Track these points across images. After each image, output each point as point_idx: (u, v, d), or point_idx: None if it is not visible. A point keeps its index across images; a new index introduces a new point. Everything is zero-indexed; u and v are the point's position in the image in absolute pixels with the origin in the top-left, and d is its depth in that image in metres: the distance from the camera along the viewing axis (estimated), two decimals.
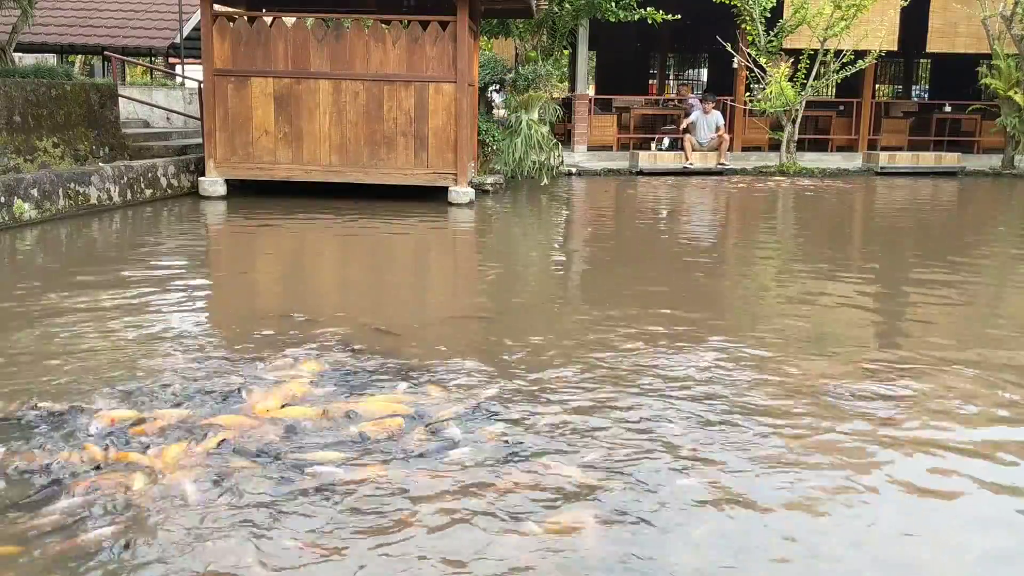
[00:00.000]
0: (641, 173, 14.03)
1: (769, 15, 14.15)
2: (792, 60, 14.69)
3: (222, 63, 9.63)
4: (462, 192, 9.69)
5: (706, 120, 14.54)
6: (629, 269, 6.58)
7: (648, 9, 13.09)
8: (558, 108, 13.18)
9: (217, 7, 9.89)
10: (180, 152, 10.93)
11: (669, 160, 14.45)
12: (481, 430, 2.98)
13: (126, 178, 9.05)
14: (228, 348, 3.96)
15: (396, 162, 9.79)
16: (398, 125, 9.73)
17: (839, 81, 15.69)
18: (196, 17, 14.14)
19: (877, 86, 19.68)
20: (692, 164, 14.21)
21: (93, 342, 4.03)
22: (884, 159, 14.96)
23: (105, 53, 15.73)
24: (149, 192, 9.45)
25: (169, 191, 9.83)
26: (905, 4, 14.72)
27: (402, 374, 3.58)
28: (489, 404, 3.23)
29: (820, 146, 16.41)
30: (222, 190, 9.78)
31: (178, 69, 17.96)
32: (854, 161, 15.43)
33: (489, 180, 10.94)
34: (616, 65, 22.09)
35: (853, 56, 14.22)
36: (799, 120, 14.76)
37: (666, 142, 15.70)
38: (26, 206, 7.54)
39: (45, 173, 7.98)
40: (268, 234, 8.00)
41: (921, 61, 24.17)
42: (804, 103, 14.54)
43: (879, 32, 14.16)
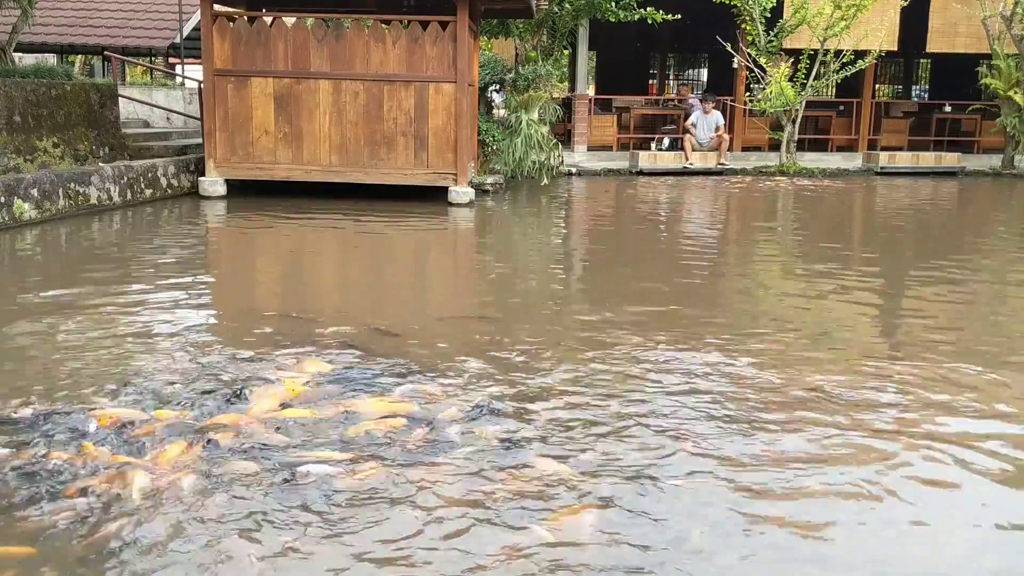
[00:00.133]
0: (641, 173, 14.03)
1: (769, 15, 14.15)
2: (792, 60, 14.69)
3: (222, 63, 9.64)
4: (462, 192, 9.69)
5: (706, 120, 14.55)
6: (629, 269, 6.58)
7: (648, 9, 13.09)
8: (558, 108, 13.18)
9: (217, 7, 9.90)
10: (180, 152, 10.93)
11: (669, 160, 14.45)
12: (481, 430, 2.98)
13: (126, 178, 9.05)
14: (228, 348, 3.96)
15: (396, 162, 9.80)
16: (398, 125, 9.73)
17: (839, 81, 15.69)
18: (196, 17, 14.14)
19: (877, 86, 19.68)
20: (692, 164, 14.22)
21: (92, 342, 4.03)
22: (884, 159, 14.96)
23: (105, 53, 15.73)
24: (149, 192, 9.45)
25: (169, 191, 9.83)
26: (905, 4, 14.72)
27: (402, 374, 3.58)
28: (489, 404, 3.23)
29: (820, 146, 16.40)
30: (222, 190, 9.78)
31: (178, 69, 17.97)
32: (854, 161, 15.43)
33: (489, 180, 10.94)
34: (616, 65, 22.09)
35: (853, 56, 14.22)
36: (799, 120, 14.76)
37: (666, 142, 15.70)
38: (26, 206, 7.55)
39: (45, 173, 7.98)
40: (268, 234, 8.00)
41: (921, 61, 24.17)
42: (804, 103, 14.54)
43: (879, 32, 14.16)
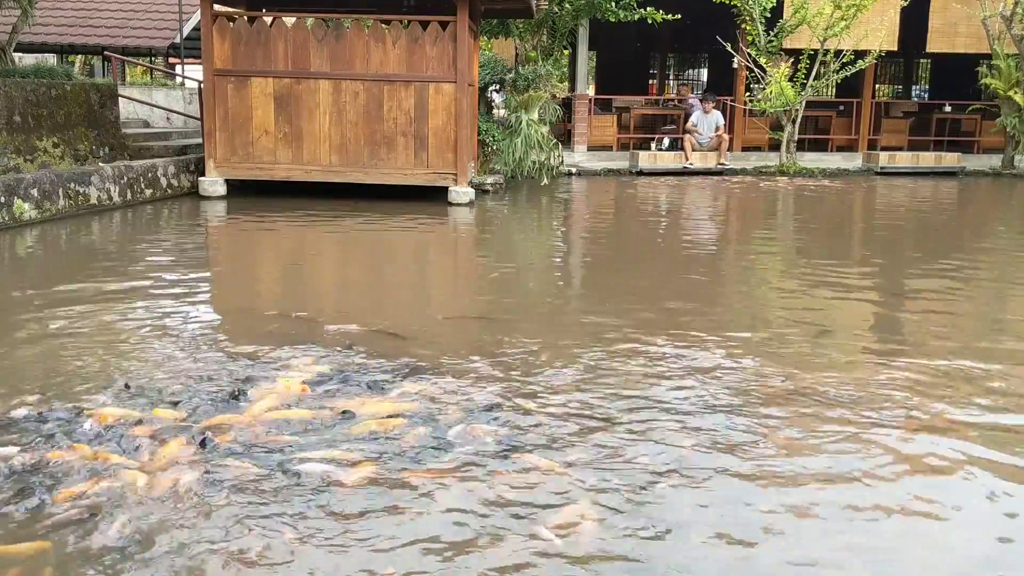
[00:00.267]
0: (641, 173, 14.03)
1: (769, 15, 14.14)
2: (792, 60, 14.69)
3: (222, 63, 9.64)
4: (462, 192, 9.69)
5: (706, 120, 14.55)
6: (630, 268, 6.57)
7: (648, 9, 13.09)
8: (558, 108, 13.18)
9: (217, 7, 9.90)
10: (180, 152, 10.93)
11: (669, 160, 14.45)
12: (481, 430, 2.98)
13: (126, 178, 9.05)
14: (227, 348, 3.96)
15: (396, 162, 9.80)
16: (398, 125, 9.73)
17: (839, 81, 15.69)
18: (196, 17, 14.14)
19: (877, 86, 19.68)
20: (692, 164, 14.21)
21: (91, 341, 4.03)
22: (884, 159, 14.96)
23: (105, 53, 15.73)
24: (149, 192, 9.45)
25: (169, 191, 9.83)
26: (905, 4, 14.72)
27: (402, 374, 3.58)
28: (489, 404, 3.23)
29: (820, 146, 16.40)
30: (222, 190, 9.78)
31: (178, 69, 17.97)
32: (854, 161, 15.43)
33: (489, 180, 10.94)
34: (616, 65, 22.08)
35: (853, 56, 14.21)
36: (799, 120, 14.76)
37: (666, 142, 15.70)
38: (26, 206, 7.55)
39: (45, 173, 7.99)
40: (268, 234, 8.00)
41: (921, 61, 24.17)
42: (804, 103, 14.54)
43: (879, 32, 14.16)
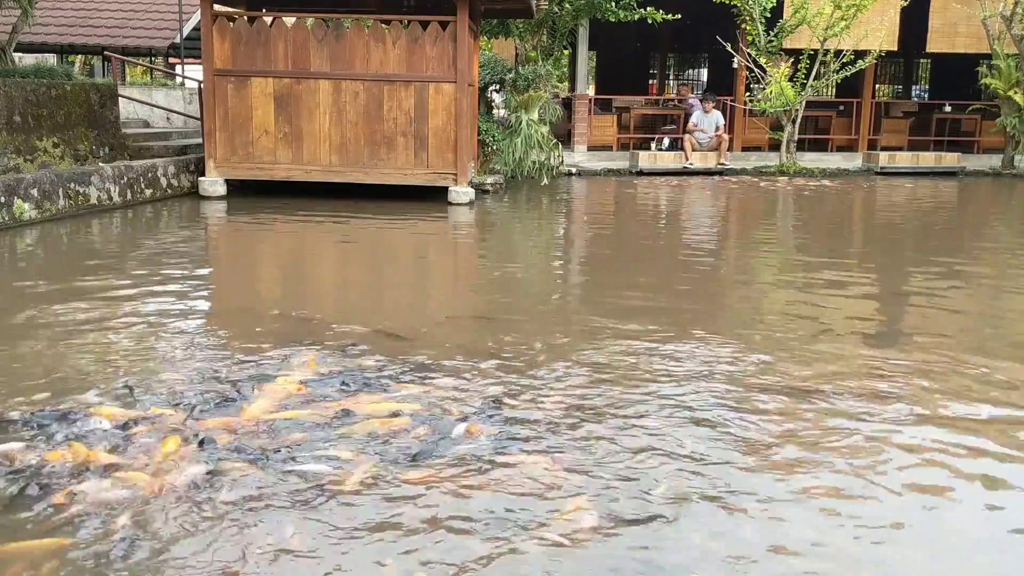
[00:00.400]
0: (641, 173, 14.03)
1: (769, 15, 14.15)
2: (792, 60, 14.69)
3: (222, 63, 9.64)
4: (462, 192, 9.69)
5: (706, 120, 14.55)
6: (629, 268, 6.57)
7: (648, 9, 13.09)
8: (558, 108, 13.18)
9: (217, 7, 9.89)
10: (180, 152, 10.93)
11: (669, 160, 14.45)
12: (481, 429, 2.98)
13: (126, 178, 9.05)
14: (227, 348, 3.96)
15: (396, 162, 9.80)
16: (398, 125, 9.73)
17: (839, 81, 15.70)
18: (196, 17, 14.14)
19: (877, 86, 19.68)
20: (692, 164, 14.22)
21: (91, 342, 4.02)
22: (884, 159, 14.96)
23: (105, 53, 15.73)
24: (149, 192, 9.45)
25: (169, 191, 9.83)
26: (905, 4, 14.72)
27: (402, 374, 3.58)
28: (490, 404, 3.23)
29: (820, 146, 16.41)
30: (222, 190, 9.78)
31: (178, 69, 17.98)
32: (854, 161, 15.43)
33: (489, 180, 10.94)
34: (616, 65, 22.09)
35: (853, 56, 14.22)
36: (799, 120, 14.76)
37: (666, 142, 15.70)
38: (26, 206, 7.55)
39: (45, 173, 7.98)
40: (268, 234, 8.00)
41: (921, 61, 24.17)
42: (804, 103, 14.54)
43: (879, 32, 14.16)
